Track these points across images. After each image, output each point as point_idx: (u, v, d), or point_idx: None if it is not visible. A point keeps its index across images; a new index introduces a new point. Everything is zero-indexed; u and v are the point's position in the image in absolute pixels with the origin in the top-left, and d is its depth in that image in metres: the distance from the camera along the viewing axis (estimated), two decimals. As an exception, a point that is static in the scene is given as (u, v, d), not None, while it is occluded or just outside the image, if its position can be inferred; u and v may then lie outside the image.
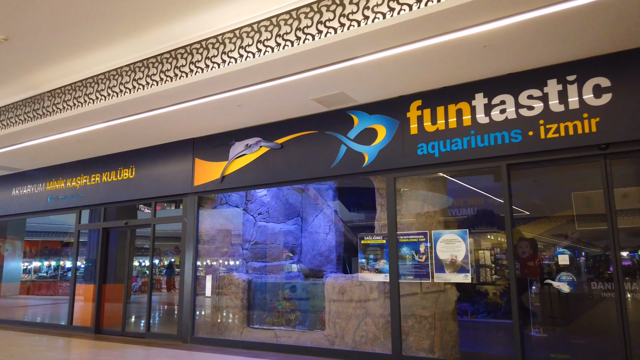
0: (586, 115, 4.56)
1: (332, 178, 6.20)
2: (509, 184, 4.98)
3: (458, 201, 7.91)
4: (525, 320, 5.92)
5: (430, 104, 5.48)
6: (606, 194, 4.49)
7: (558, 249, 5.46)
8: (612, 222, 4.44)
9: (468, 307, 8.79)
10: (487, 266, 8.92)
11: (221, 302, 7.48)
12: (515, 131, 4.91)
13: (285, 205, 9.54)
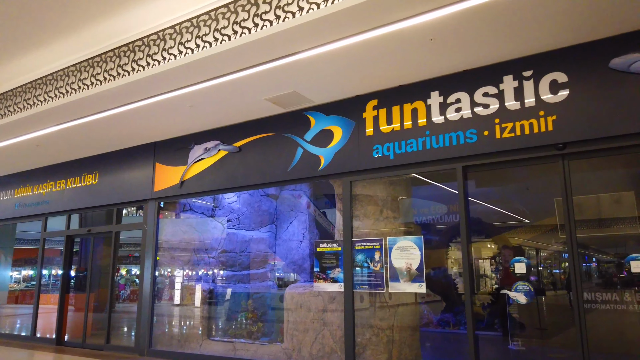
0: (542, 113, 4.26)
1: (289, 182, 5.92)
2: (464, 188, 4.68)
3: (438, 207, 7.60)
4: (504, 333, 5.60)
5: (386, 103, 5.20)
6: (564, 197, 4.18)
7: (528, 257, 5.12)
8: (571, 229, 4.12)
9: (450, 318, 8.45)
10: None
11: (182, 313, 7.17)
12: (470, 131, 4.62)
13: (258, 212, 9.23)
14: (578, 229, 4.14)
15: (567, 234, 4.12)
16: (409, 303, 5.44)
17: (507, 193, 7.81)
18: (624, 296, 4.21)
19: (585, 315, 4.00)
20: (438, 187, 6.15)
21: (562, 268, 6.85)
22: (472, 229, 7.46)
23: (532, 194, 7.41)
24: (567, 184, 4.18)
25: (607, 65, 4.00)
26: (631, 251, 4.11)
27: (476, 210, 8.38)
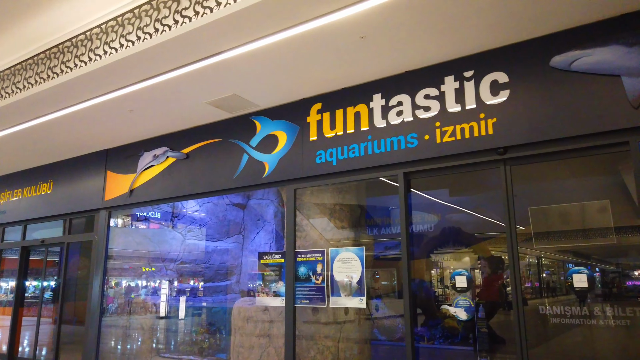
0: (482, 115, 3.99)
1: (234, 190, 5.63)
2: (406, 197, 4.39)
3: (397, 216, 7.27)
4: (475, 348, 5.30)
5: (330, 107, 4.93)
6: (506, 205, 3.89)
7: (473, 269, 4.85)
8: (512, 238, 3.83)
9: (424, 332, 8.13)
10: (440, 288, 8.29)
11: (133, 328, 6.85)
12: (411, 135, 4.34)
13: (223, 221, 8.94)
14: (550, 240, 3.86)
15: (508, 242, 3.83)
16: (367, 317, 5.13)
17: (483, 200, 7.52)
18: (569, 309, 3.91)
19: (525, 331, 3.69)
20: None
21: (532, 279, 6.57)
22: (452, 239, 7.14)
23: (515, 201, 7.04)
24: (509, 191, 3.89)
25: (548, 63, 3.74)
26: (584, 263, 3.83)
27: (451, 219, 8.08)
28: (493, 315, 5.88)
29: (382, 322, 6.49)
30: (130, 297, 7.37)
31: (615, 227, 3.71)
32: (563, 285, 4.62)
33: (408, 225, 4.34)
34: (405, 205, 4.36)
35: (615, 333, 3.62)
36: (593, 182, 4.40)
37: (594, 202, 3.93)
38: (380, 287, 6.85)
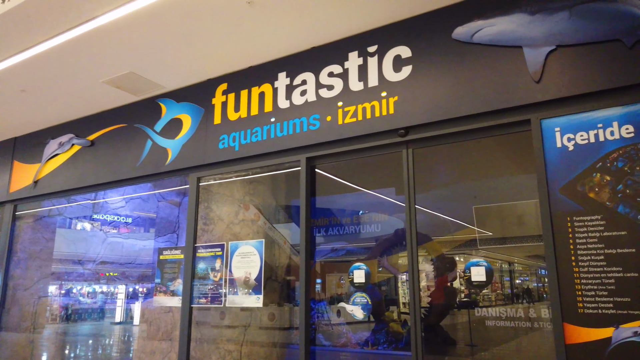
0: (384, 93, 3.62)
1: (137, 180, 5.14)
2: (308, 184, 3.97)
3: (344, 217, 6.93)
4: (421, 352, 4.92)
5: (236, 87, 4.51)
6: (407, 193, 3.51)
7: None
8: (412, 231, 3.44)
9: (369, 336, 7.74)
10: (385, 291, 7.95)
11: (36, 334, 6.24)
12: (314, 117, 3.94)
13: (153, 219, 8.39)
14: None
15: (408, 240, 3.44)
16: (260, 317, 4.68)
17: (434, 198, 7.21)
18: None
19: (422, 335, 3.31)
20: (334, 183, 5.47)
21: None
22: (404, 239, 6.74)
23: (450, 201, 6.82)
24: (410, 178, 3.51)
25: (451, 36, 3.39)
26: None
27: (402, 218, 7.60)
28: (443, 317, 5.54)
29: (328, 328, 6.11)
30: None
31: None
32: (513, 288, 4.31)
33: (309, 217, 3.93)
34: (306, 192, 3.94)
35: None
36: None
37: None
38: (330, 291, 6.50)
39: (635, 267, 2.58)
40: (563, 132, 2.93)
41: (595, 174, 2.79)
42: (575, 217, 2.80)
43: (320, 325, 5.74)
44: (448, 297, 5.63)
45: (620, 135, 2.75)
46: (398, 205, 7.28)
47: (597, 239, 2.72)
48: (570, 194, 2.84)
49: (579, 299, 2.71)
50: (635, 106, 2.74)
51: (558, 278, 2.78)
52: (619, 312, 2.59)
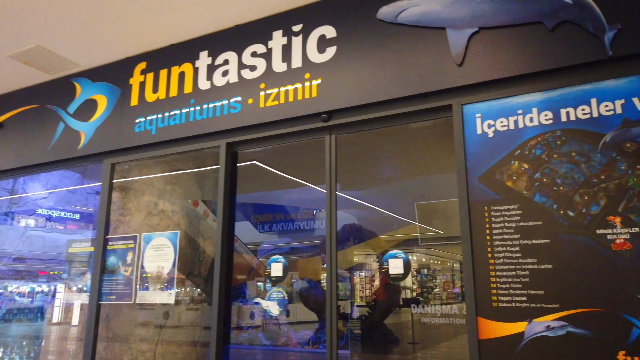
0: (308, 75, 3.40)
1: (47, 166, 4.70)
2: (228, 171, 3.70)
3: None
4: (359, 350, 4.72)
5: (155, 66, 4.17)
6: (328, 183, 3.30)
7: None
8: (331, 224, 3.24)
9: (311, 335, 7.52)
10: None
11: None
12: (235, 99, 3.68)
13: (82, 212, 7.84)
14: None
15: (328, 237, 3.23)
16: (180, 315, 4.35)
17: (380, 195, 7.08)
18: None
19: (337, 332, 3.10)
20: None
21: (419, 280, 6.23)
22: (353, 235, 6.54)
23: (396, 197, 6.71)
24: (332, 166, 3.31)
25: (376, 16, 3.21)
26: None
27: (349, 213, 7.43)
28: (387, 315, 5.39)
29: (271, 327, 5.87)
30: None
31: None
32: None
33: (227, 208, 3.65)
34: (226, 183, 3.67)
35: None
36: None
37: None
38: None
39: (550, 259, 2.47)
40: (484, 118, 2.80)
41: (514, 161, 2.67)
42: (492, 207, 2.67)
43: (265, 324, 5.50)
44: (391, 294, 5.51)
45: (539, 122, 2.65)
46: (345, 200, 7.06)
47: (513, 230, 2.60)
48: (489, 183, 2.71)
49: (494, 292, 2.58)
50: (555, 92, 2.64)
51: (474, 270, 2.64)
52: (532, 305, 2.48)
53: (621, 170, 2.40)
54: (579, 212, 2.45)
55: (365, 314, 7.27)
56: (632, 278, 2.27)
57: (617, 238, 2.34)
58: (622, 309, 2.27)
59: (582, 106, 2.56)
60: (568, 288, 2.40)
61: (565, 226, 2.46)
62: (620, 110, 2.46)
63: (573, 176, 2.50)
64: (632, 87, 2.45)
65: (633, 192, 2.35)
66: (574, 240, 2.43)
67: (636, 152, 2.38)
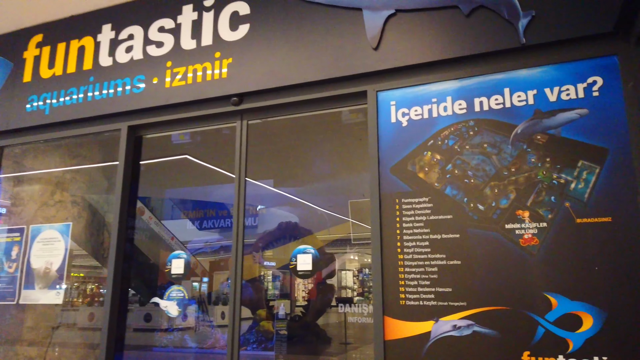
0: (219, 54, 3.11)
1: None
2: (129, 158, 3.34)
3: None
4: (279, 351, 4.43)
5: (53, 39, 3.72)
6: (237, 172, 3.03)
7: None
8: (239, 219, 2.97)
9: (240, 336, 7.17)
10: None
11: None
12: (138, 77, 3.32)
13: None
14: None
15: (235, 224, 2.96)
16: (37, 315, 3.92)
17: (313, 191, 6.87)
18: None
19: (235, 329, 2.84)
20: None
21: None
22: (289, 233, 6.23)
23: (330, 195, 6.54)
24: (242, 154, 3.04)
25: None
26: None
27: (284, 210, 7.19)
28: (320, 315, 5.19)
29: (205, 328, 5.50)
30: None
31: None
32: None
33: (127, 200, 3.29)
34: (125, 171, 3.30)
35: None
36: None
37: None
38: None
39: (458, 255, 2.34)
40: (398, 106, 2.64)
41: (426, 152, 2.53)
42: (403, 199, 2.52)
43: (198, 326, 5.20)
44: (324, 294, 5.31)
45: (453, 111, 2.52)
46: (280, 197, 6.79)
47: (423, 224, 2.45)
48: (401, 174, 2.55)
49: (402, 290, 2.42)
50: (469, 80, 2.52)
51: (382, 267, 2.47)
52: (439, 303, 2.33)
53: (531, 163, 2.31)
54: (489, 206, 2.34)
55: (299, 314, 7.05)
56: (538, 275, 2.18)
57: (525, 233, 2.24)
58: (528, 307, 2.17)
59: (495, 96, 2.45)
60: (475, 285, 2.28)
61: (474, 220, 2.34)
62: (532, 101, 2.37)
63: (484, 168, 2.39)
64: (544, 77, 2.37)
65: (542, 186, 2.26)
66: (483, 235, 2.31)
67: (546, 145, 2.30)
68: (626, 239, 2.07)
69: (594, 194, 2.16)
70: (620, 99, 2.20)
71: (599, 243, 2.11)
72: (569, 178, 2.22)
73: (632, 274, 2.04)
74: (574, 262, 2.13)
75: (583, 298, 2.09)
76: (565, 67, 2.34)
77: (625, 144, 2.16)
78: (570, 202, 2.20)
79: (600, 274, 2.09)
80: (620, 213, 2.11)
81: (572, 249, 2.15)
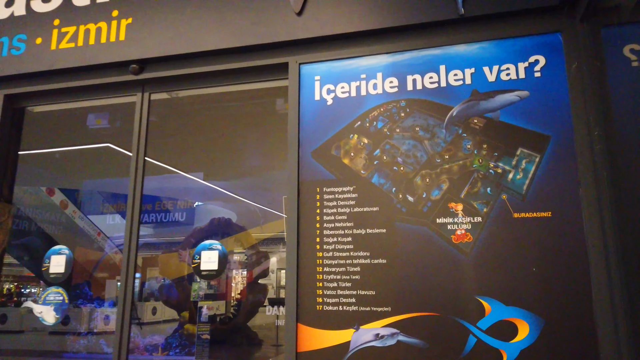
0: (116, 12, 2.63)
1: None
2: (6, 135, 2.76)
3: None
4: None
5: None
6: (135, 153, 2.56)
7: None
8: (134, 208, 2.50)
9: (161, 340, 6.58)
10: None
11: None
12: (19, 37, 2.75)
13: None
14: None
15: (128, 215, 2.50)
16: None
17: (247, 184, 6.45)
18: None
19: (122, 335, 2.37)
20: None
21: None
22: (221, 230, 5.68)
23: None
24: (142, 132, 2.57)
25: (207, -54, 2.54)
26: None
27: (217, 206, 6.77)
28: (251, 316, 4.82)
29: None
30: None
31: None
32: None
33: (8, 187, 2.72)
34: (1, 147, 2.73)
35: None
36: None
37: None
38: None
39: (384, 252, 2.03)
40: (323, 82, 2.30)
41: (353, 135, 2.20)
42: (325, 188, 2.17)
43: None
44: (254, 294, 4.95)
45: (384, 90, 2.21)
46: (212, 191, 6.25)
47: (346, 216, 2.12)
48: (323, 159, 2.20)
49: (319, 293, 2.08)
50: (402, 55, 2.21)
51: (298, 265, 2.12)
52: (361, 309, 2.01)
53: (466, 150, 2.04)
54: (419, 197, 2.04)
55: (230, 316, 6.54)
56: (471, 276, 1.91)
57: (457, 229, 1.97)
58: (459, 313, 1.89)
59: (430, 73, 2.16)
60: (402, 288, 1.98)
61: (403, 213, 2.04)
62: (469, 80, 2.10)
63: (415, 154, 2.10)
64: (483, 54, 2.11)
65: (477, 176, 2.00)
66: (412, 231, 2.01)
67: (483, 130, 2.03)
68: (567, 236, 1.85)
69: (534, 185, 1.93)
70: (563, 81, 1.98)
71: (537, 241, 1.87)
72: (506, 167, 1.97)
73: (572, 276, 1.81)
74: (510, 262, 1.88)
75: (518, 303, 1.85)
76: (505, 44, 2.09)
77: (569, 130, 1.93)
78: (508, 194, 1.95)
79: (538, 276, 1.85)
80: (561, 207, 1.88)
81: (508, 247, 1.90)
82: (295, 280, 2.10)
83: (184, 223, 6.41)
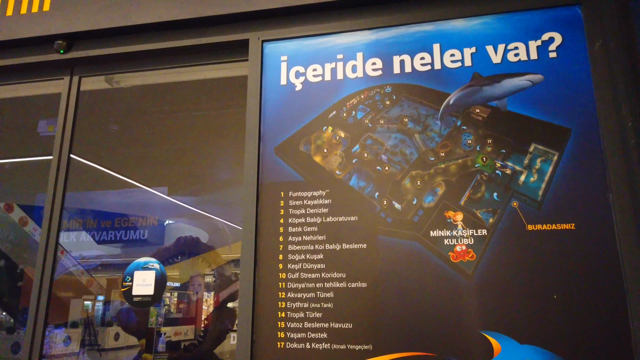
0: (41, -22, 2.14)
1: None
2: None
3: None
4: None
5: None
6: (57, 156, 2.07)
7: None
8: (51, 221, 2.00)
9: None
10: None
11: None
12: None
13: None
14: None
15: (45, 224, 1.99)
16: None
17: (213, 198, 5.96)
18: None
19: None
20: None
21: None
22: (188, 249, 5.15)
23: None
24: (67, 124, 2.09)
25: None
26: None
27: (181, 222, 6.20)
28: (219, 343, 4.29)
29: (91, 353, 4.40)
30: None
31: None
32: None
33: None
34: None
35: None
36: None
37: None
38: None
39: (364, 274, 1.59)
40: (291, 64, 1.87)
41: (326, 127, 1.77)
42: (292, 192, 1.73)
43: (83, 351, 4.19)
44: (221, 320, 4.44)
45: (365, 73, 1.80)
46: (175, 206, 5.74)
47: (317, 228, 1.68)
48: (289, 157, 1.77)
49: (281, 326, 1.62)
50: (387, 32, 1.82)
51: (254, 291, 1.66)
52: (335, 347, 1.57)
53: (466, 146, 1.64)
54: (409, 204, 1.62)
55: (195, 343, 5.94)
56: (475, 305, 1.49)
57: (457, 244, 1.56)
58: (460, 353, 1.47)
59: (421, 54, 1.77)
60: (386, 320, 1.54)
61: (388, 224, 1.62)
62: (469, 62, 1.71)
63: (403, 151, 1.68)
64: (486, 31, 1.73)
65: (481, 177, 1.59)
66: (400, 246, 1.59)
67: (488, 121, 1.64)
68: (595, 255, 1.45)
69: (551, 190, 1.53)
70: (585, 63, 1.61)
71: (558, 260, 1.47)
72: (517, 168, 1.58)
73: (604, 306, 1.41)
74: (524, 287, 1.48)
75: (536, 340, 1.43)
76: (513, 19, 1.72)
77: (593, 122, 1.55)
78: (520, 201, 1.55)
79: (559, 306, 1.44)
80: (586, 218, 1.49)
81: (521, 268, 1.49)
82: (251, 309, 1.64)
83: (152, 243, 5.89)
